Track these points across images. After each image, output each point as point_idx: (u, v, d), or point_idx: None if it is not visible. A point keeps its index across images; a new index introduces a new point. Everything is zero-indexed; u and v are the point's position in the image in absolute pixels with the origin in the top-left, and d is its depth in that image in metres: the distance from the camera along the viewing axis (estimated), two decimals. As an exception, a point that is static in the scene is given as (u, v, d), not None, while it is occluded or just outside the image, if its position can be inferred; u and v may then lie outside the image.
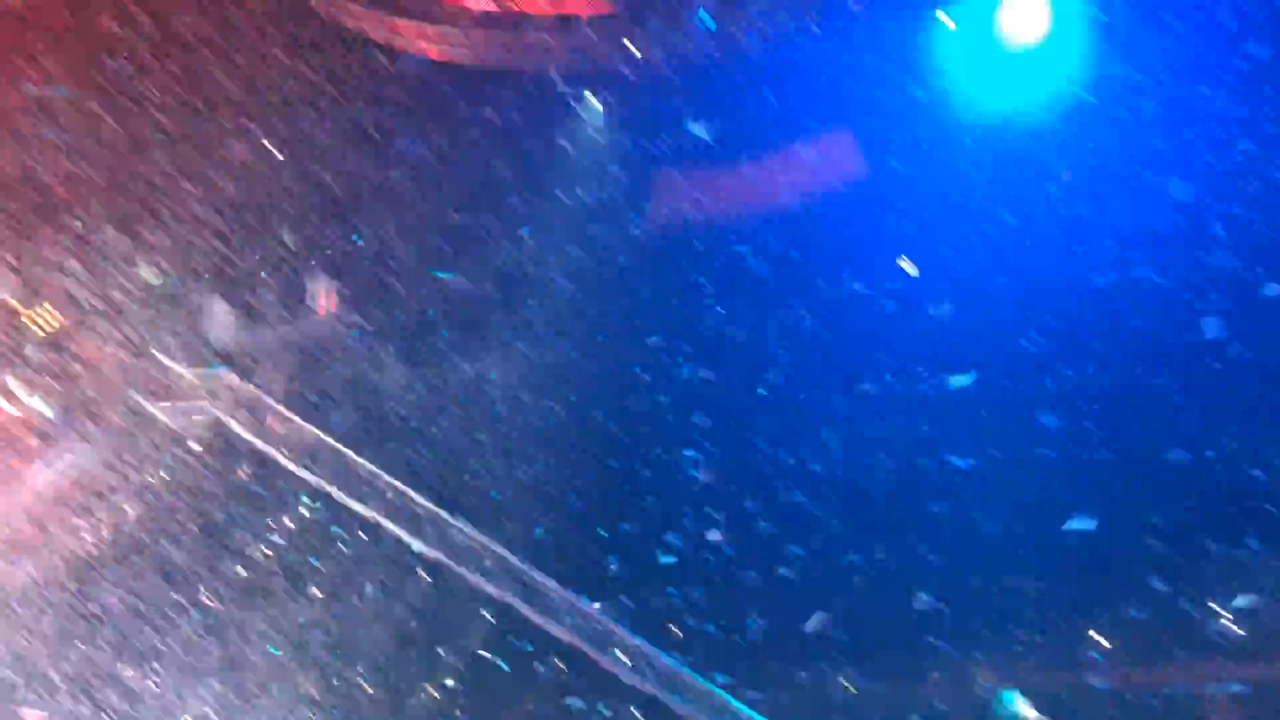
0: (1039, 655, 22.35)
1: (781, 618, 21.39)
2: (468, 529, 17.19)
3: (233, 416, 16.71)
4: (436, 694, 22.47)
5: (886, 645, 23.16)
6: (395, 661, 21.85)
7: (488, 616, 17.49)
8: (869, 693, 22.94)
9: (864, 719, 21.82)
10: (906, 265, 16.70)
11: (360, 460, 16.96)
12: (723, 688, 16.21)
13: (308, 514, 18.70)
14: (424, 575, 17.79)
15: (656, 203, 19.48)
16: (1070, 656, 22.48)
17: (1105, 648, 21.85)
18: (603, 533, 22.68)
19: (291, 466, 16.58)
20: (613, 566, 22.17)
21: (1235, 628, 19.13)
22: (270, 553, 19.30)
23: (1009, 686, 18.16)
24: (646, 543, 19.58)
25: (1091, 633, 22.39)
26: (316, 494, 16.88)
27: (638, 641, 16.09)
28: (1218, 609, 19.31)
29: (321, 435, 16.87)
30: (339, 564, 19.79)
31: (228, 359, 16.88)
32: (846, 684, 23.09)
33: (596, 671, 16.98)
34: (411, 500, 17.05)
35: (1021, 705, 13.98)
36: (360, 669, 21.76)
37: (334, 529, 18.62)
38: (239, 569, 19.43)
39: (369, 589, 20.02)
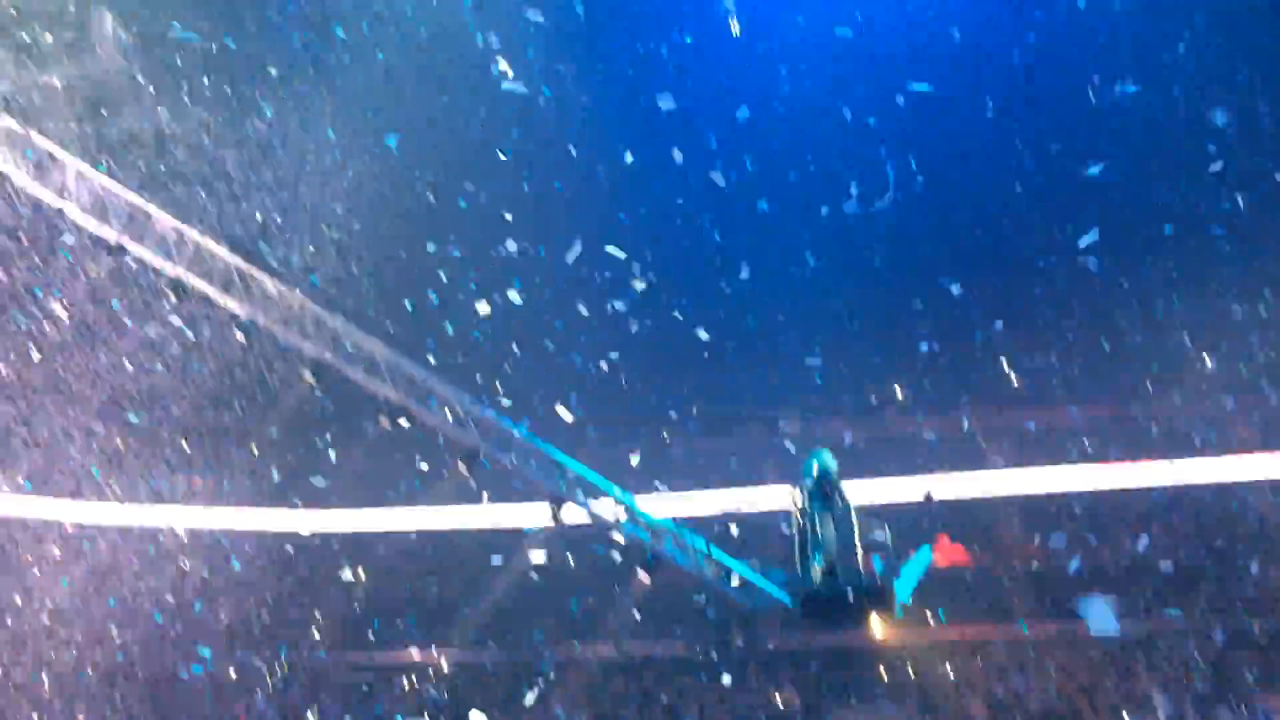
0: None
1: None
2: (281, 287, 16.31)
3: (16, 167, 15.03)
4: (257, 449, 22.17)
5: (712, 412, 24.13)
6: (212, 419, 21.36)
7: (306, 375, 16.86)
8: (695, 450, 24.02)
9: (690, 473, 22.95)
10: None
11: (161, 213, 15.66)
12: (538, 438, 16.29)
13: (104, 271, 17.51)
14: (238, 333, 16.90)
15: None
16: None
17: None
18: (431, 295, 22.35)
19: (84, 220, 15.12)
20: (434, 326, 22.04)
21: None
22: (69, 309, 18.16)
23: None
24: (467, 300, 19.64)
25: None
26: (114, 249, 15.54)
27: (459, 396, 15.90)
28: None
29: (114, 185, 15.41)
30: (140, 321, 18.80)
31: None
32: (668, 437, 24.06)
33: (419, 425, 16.85)
34: (215, 255, 15.98)
35: (829, 459, 14.60)
36: (178, 426, 21.16)
37: (133, 285, 17.53)
38: (39, 324, 18.38)
39: (175, 348, 19.16)
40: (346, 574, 21.78)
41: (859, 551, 14.16)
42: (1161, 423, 22.34)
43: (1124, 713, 18.78)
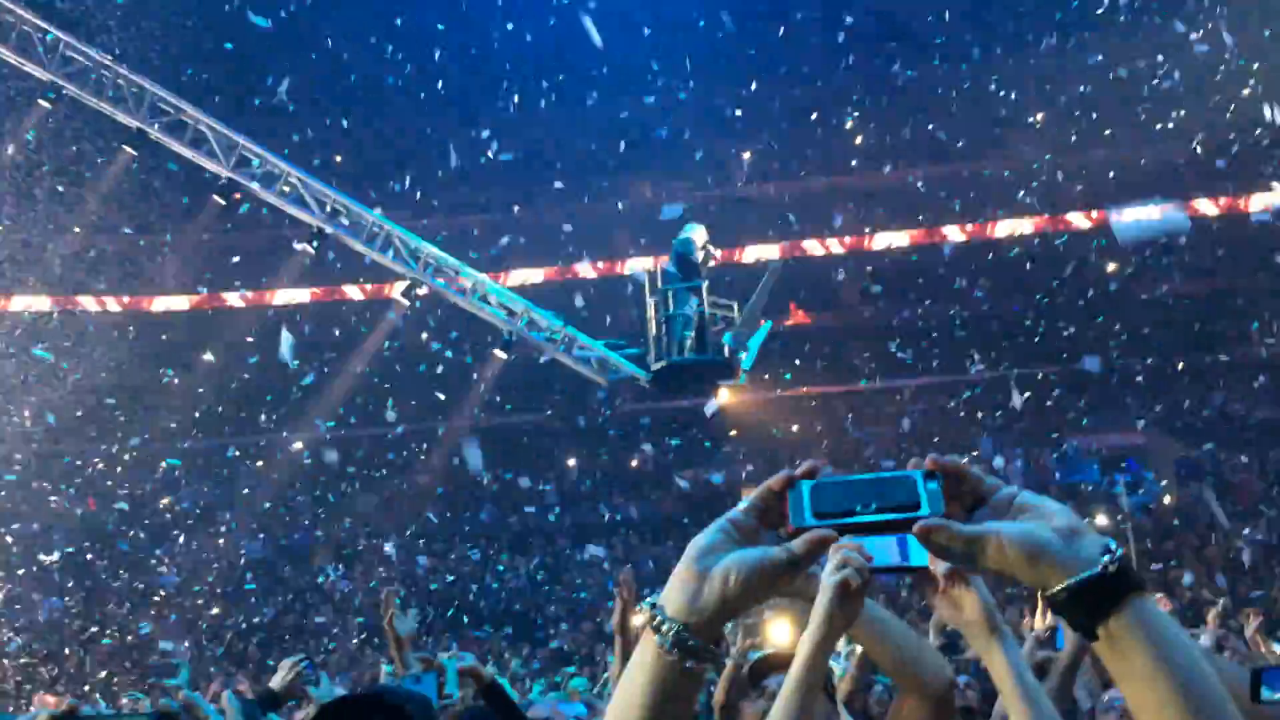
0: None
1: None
2: (94, 52, 14.94)
3: None
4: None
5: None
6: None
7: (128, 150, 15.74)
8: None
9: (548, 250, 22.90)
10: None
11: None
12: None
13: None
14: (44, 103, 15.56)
15: None
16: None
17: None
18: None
19: None
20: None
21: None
22: None
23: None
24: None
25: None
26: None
27: (296, 171, 15.17)
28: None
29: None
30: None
31: None
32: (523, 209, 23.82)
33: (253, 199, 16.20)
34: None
35: (693, 233, 14.73)
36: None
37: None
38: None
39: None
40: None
41: (708, 324, 14.72)
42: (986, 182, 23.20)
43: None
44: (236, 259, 22.12)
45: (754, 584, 1.16)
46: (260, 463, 22.65)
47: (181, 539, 21.17)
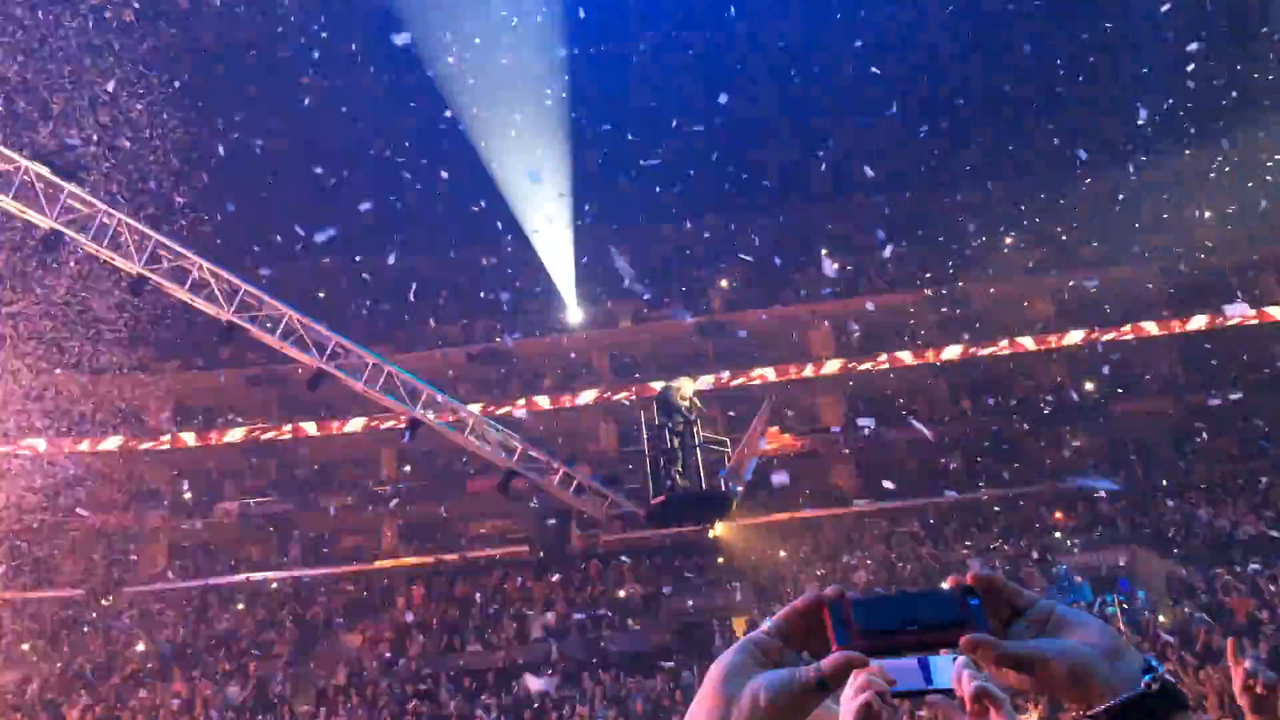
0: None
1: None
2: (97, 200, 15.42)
3: None
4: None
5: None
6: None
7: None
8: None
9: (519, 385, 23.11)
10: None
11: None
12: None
13: None
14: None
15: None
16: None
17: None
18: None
19: None
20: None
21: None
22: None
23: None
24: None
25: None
26: None
27: (296, 313, 15.55)
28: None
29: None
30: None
31: None
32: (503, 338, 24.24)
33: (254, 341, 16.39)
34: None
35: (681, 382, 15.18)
36: None
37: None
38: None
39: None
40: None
41: (699, 457, 15.01)
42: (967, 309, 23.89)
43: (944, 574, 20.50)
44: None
45: (784, 706, 1.13)
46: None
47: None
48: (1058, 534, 20.99)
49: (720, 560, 20.62)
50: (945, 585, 1.23)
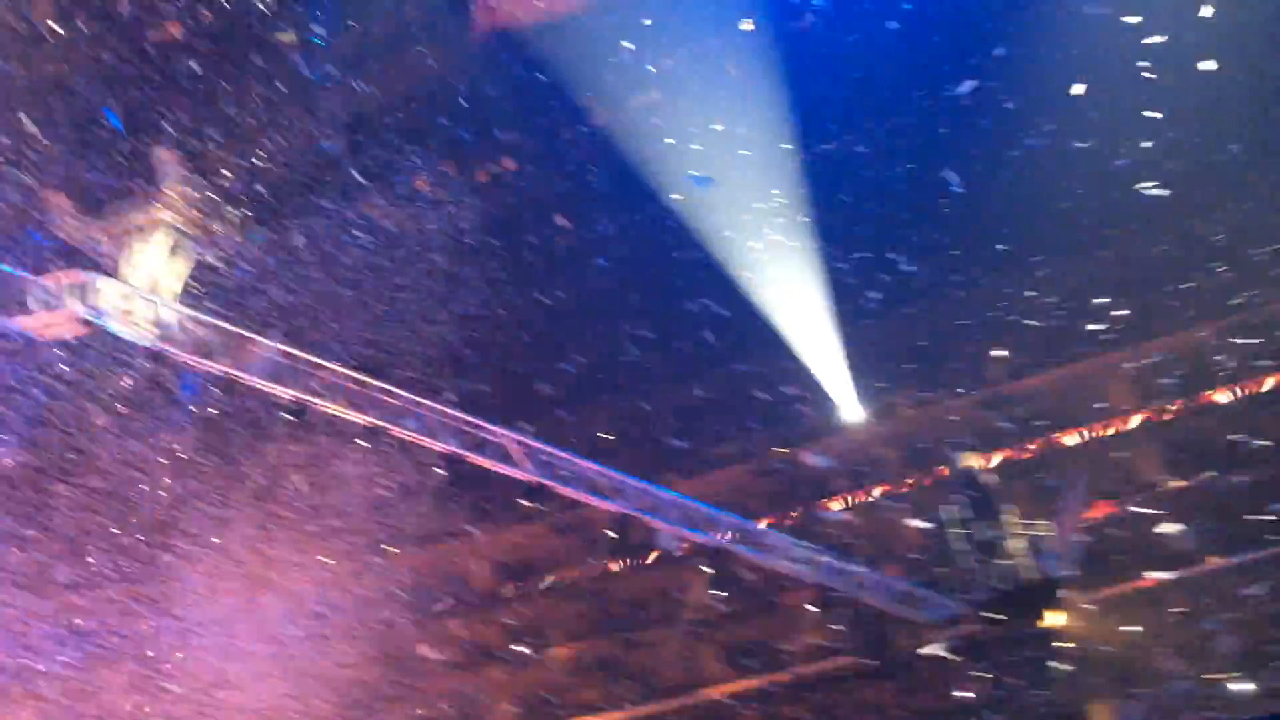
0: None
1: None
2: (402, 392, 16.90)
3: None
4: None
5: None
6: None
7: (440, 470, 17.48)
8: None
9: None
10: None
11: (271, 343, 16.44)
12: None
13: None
14: (364, 443, 17.58)
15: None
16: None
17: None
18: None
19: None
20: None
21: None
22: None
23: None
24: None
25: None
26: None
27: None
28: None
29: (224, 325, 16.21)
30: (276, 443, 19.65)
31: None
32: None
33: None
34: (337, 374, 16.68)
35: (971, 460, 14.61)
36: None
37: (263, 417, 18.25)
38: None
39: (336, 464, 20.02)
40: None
41: (1019, 541, 14.23)
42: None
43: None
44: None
45: None
46: None
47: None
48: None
49: (1059, 647, 19.24)
50: None
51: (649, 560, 22.46)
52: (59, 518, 20.22)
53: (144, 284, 15.34)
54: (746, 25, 20.71)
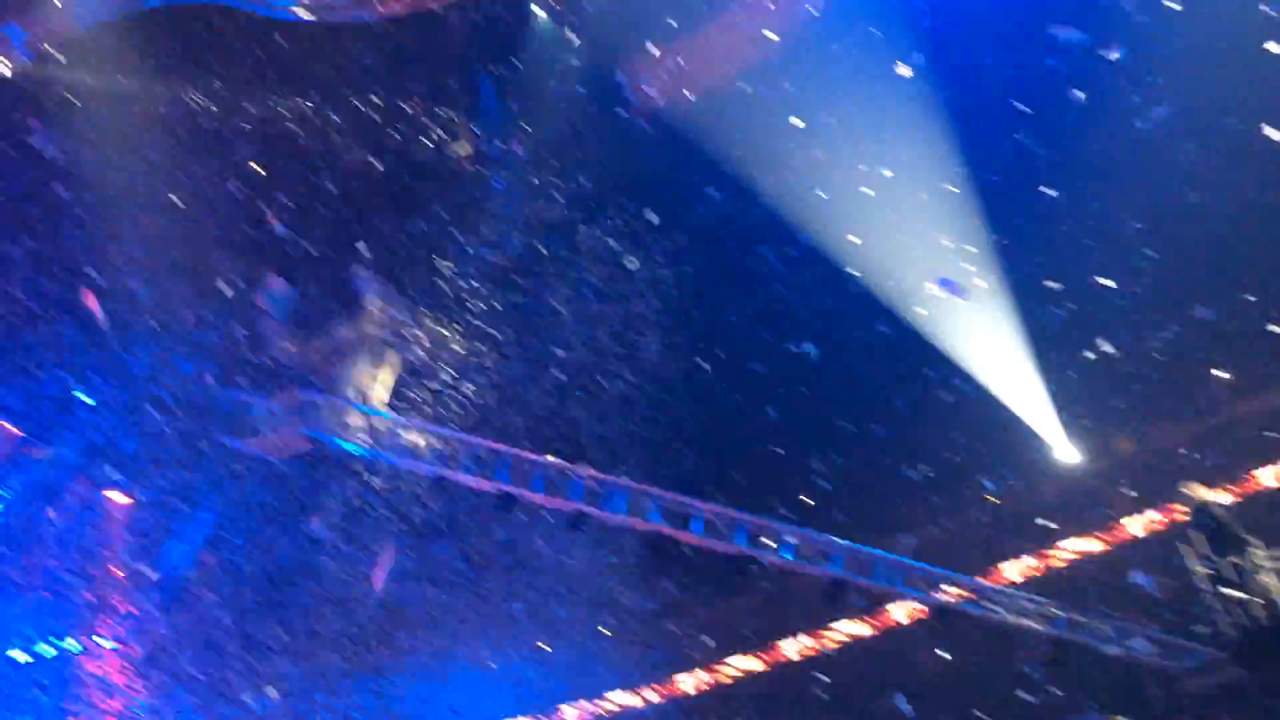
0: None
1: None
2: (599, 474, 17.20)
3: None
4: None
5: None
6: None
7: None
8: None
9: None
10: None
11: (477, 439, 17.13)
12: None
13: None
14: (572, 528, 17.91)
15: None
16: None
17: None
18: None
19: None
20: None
21: None
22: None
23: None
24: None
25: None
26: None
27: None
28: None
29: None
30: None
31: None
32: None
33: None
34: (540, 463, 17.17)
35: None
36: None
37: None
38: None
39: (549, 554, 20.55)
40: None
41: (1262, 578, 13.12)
42: None
43: None
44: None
45: None
46: None
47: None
48: None
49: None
50: None
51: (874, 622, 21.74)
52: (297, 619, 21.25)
53: (356, 397, 16.26)
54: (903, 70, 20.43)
